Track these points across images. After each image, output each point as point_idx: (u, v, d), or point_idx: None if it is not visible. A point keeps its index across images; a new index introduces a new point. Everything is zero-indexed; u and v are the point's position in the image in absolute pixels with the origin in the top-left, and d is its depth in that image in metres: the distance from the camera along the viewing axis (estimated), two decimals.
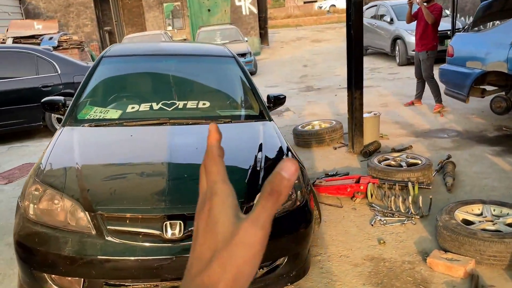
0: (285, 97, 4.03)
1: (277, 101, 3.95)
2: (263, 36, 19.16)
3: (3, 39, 12.78)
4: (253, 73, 13.34)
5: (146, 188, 2.57)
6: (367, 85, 10.02)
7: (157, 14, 17.78)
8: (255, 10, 18.04)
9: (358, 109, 5.09)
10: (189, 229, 2.40)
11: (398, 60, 12.12)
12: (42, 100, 3.63)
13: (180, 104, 3.57)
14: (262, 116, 3.65)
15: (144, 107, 3.53)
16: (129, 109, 3.49)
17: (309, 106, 8.31)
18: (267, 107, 3.87)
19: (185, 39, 17.30)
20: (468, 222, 3.13)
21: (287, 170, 0.42)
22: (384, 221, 3.60)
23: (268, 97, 3.94)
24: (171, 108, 3.52)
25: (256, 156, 2.91)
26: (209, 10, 17.74)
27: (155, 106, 3.52)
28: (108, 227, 2.40)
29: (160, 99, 3.60)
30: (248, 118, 3.59)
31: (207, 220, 0.45)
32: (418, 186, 3.90)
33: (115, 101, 3.65)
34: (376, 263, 3.04)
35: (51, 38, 12.77)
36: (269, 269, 2.68)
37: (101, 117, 3.37)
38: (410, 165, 4.34)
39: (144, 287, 2.44)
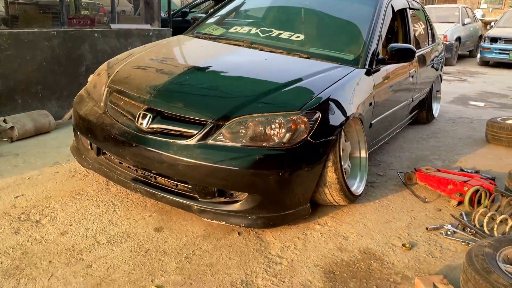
0: (411, 51, 3.24)
1: (398, 54, 3.23)
2: None
3: None
4: None
5: (150, 80, 2.75)
6: None
7: None
8: None
9: None
10: (157, 125, 2.48)
11: None
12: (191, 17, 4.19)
13: (276, 32, 3.45)
14: (355, 63, 3.12)
15: (244, 30, 3.59)
16: (232, 29, 3.64)
17: None
18: (381, 59, 3.25)
19: (495, 20, 14.92)
20: None
21: None
22: (451, 232, 2.57)
23: (387, 48, 3.26)
24: (264, 35, 3.46)
25: (272, 83, 2.70)
26: None
27: (253, 31, 3.53)
28: (108, 103, 2.75)
29: (266, 26, 3.58)
30: (335, 60, 3.13)
31: None
32: None
33: (233, 23, 3.84)
34: (340, 261, 2.30)
35: None
36: (227, 200, 2.48)
37: (207, 32, 3.66)
38: None
39: (126, 167, 2.70)
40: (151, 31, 5.32)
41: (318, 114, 2.52)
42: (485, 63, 11.50)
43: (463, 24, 11.94)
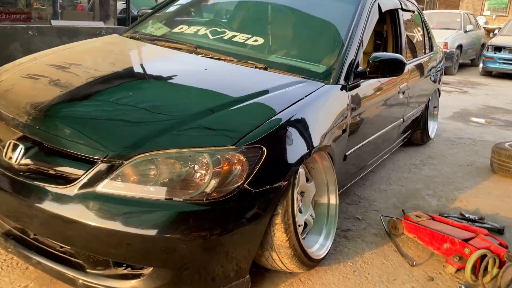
0: (400, 63, 2.51)
1: (383, 66, 2.49)
2: None
3: None
4: None
5: (34, 95, 2.00)
6: None
7: None
8: None
9: None
10: (30, 162, 1.73)
11: None
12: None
13: (229, 34, 2.71)
14: (326, 76, 2.38)
15: (192, 29, 2.85)
16: (177, 29, 2.90)
17: None
18: (362, 72, 2.52)
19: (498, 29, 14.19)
20: None
21: None
22: None
23: (369, 58, 2.52)
24: (214, 37, 2.72)
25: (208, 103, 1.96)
26: None
27: (202, 32, 2.79)
28: None
29: (219, 27, 2.85)
30: (299, 72, 2.39)
31: None
32: None
33: (182, 20, 3.10)
34: None
35: None
36: (126, 273, 1.73)
37: (148, 32, 2.93)
38: None
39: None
40: (103, 29, 4.58)
41: (263, 150, 1.77)
42: (488, 73, 10.77)
43: (465, 31, 11.22)
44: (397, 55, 2.56)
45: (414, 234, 2.46)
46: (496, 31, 12.14)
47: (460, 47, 10.74)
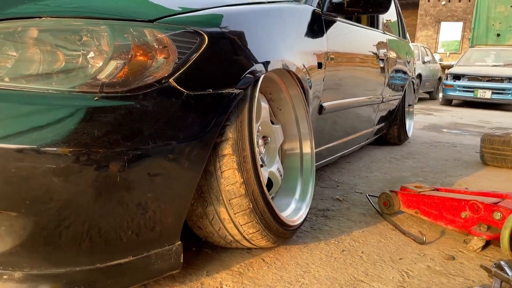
0: None
1: None
2: None
3: None
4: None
5: None
6: None
7: (430, 33, 15.60)
8: None
9: None
10: None
11: None
12: None
13: None
14: None
15: None
16: None
17: None
18: (339, 4, 1.96)
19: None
20: None
21: None
22: None
23: None
24: None
25: None
26: (498, 35, 14.45)
27: None
28: None
29: None
30: None
31: None
32: None
33: None
34: None
35: None
36: None
37: None
38: None
39: None
40: None
41: (204, 38, 1.11)
42: (448, 102, 10.70)
43: (423, 62, 11.26)
44: None
45: (416, 209, 1.82)
46: (453, 64, 12.31)
47: (419, 76, 10.68)
